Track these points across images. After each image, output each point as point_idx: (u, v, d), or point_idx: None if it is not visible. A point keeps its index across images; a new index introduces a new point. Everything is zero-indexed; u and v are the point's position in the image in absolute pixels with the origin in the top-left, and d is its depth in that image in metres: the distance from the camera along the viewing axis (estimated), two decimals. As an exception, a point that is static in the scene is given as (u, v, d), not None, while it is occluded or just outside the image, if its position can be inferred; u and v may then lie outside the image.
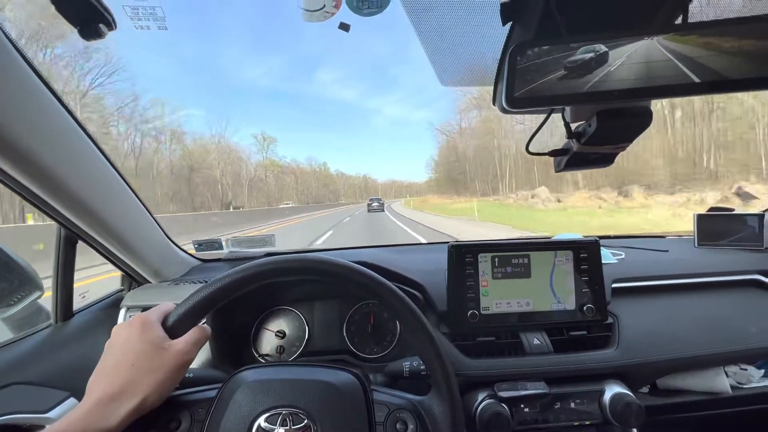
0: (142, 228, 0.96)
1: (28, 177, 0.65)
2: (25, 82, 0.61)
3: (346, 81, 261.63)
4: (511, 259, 0.89)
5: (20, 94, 0.59)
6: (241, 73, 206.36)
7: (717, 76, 0.42)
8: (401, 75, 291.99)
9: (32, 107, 0.62)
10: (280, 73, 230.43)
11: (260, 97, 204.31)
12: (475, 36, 0.60)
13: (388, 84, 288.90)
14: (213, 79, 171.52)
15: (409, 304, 0.56)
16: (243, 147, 76.81)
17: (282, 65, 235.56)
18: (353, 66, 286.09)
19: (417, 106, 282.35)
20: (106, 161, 0.81)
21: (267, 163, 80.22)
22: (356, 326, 1.05)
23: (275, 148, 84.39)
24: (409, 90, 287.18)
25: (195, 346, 0.54)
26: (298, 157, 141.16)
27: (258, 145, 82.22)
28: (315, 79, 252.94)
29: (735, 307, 0.97)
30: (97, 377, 0.49)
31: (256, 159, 78.41)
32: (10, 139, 0.58)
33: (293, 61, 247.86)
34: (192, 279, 1.11)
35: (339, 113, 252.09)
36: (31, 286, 0.91)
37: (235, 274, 0.55)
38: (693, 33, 0.43)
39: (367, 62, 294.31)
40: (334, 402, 0.53)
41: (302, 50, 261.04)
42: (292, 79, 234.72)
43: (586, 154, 0.58)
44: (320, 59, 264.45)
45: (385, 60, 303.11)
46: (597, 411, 0.78)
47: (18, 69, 0.59)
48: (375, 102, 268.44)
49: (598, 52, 0.44)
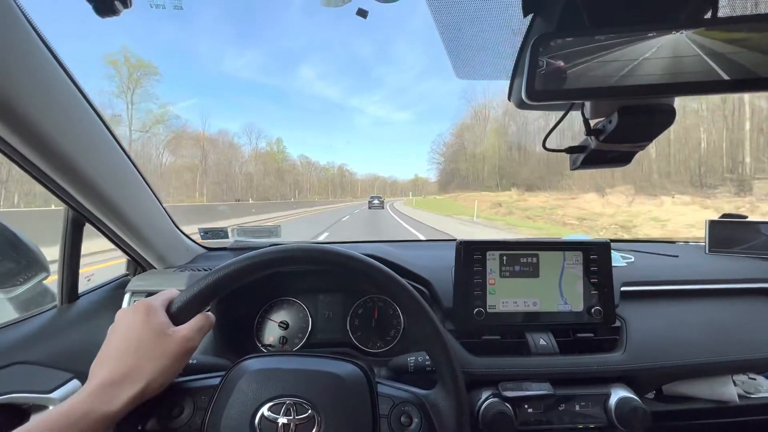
0: (149, 214, 0.96)
1: (39, 156, 0.65)
2: (41, 62, 0.60)
3: (328, 78, 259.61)
4: (520, 258, 0.88)
5: (35, 74, 0.59)
6: (220, 63, 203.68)
7: (747, 73, 0.41)
8: (384, 75, 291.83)
9: (45, 87, 0.61)
10: (262, 65, 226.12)
11: (241, 89, 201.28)
12: (494, 29, 0.59)
13: (371, 84, 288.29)
14: (188, 68, 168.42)
15: (415, 297, 0.55)
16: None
17: (263, 57, 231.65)
18: (336, 63, 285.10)
19: (399, 108, 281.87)
20: (117, 145, 0.81)
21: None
22: (360, 320, 1.05)
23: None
24: (391, 90, 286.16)
25: (199, 333, 0.54)
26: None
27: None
28: (298, 74, 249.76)
29: (745, 315, 0.96)
30: (100, 362, 0.48)
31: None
32: (23, 119, 0.58)
33: (275, 54, 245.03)
34: (197, 267, 1.11)
35: (323, 110, 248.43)
36: (37, 267, 0.91)
37: (240, 262, 0.54)
38: (723, 28, 0.41)
39: (351, 60, 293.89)
40: (338, 393, 0.52)
41: (285, 44, 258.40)
42: (275, 72, 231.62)
43: (604, 152, 0.56)
44: (303, 55, 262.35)
45: (369, 59, 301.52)
46: (602, 414, 0.76)
47: (34, 48, 0.59)
48: (357, 101, 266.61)
49: (623, 45, 0.42)
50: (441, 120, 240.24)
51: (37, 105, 0.60)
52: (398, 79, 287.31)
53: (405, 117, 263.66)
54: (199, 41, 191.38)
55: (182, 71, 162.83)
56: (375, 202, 36.05)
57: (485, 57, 0.63)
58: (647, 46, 0.42)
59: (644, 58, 0.42)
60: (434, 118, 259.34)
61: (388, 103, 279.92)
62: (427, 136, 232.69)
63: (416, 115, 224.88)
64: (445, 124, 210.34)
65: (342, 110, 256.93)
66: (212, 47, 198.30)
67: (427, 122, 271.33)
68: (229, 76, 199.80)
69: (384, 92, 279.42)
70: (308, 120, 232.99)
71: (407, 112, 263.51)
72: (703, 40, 0.41)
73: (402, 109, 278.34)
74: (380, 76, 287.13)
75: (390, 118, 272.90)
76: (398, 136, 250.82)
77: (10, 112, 0.56)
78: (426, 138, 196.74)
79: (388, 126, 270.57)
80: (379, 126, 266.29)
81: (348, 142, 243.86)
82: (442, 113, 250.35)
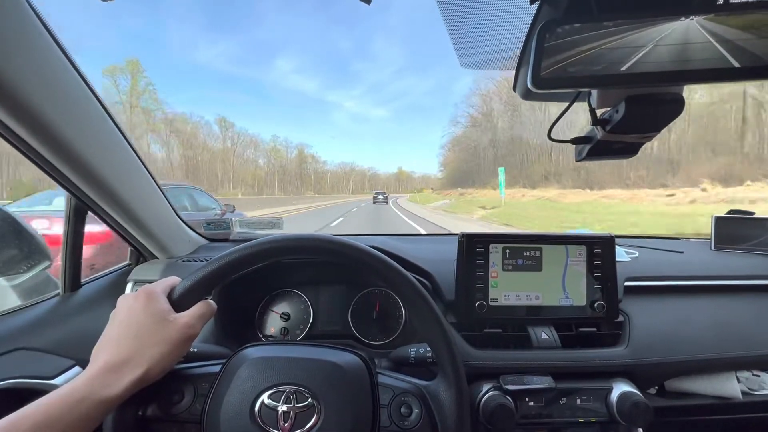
0: (152, 204, 0.96)
1: (42, 143, 0.65)
2: (44, 49, 0.60)
3: (306, 71, 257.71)
4: (523, 252, 0.87)
5: (38, 61, 0.59)
6: (194, 51, 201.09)
7: (759, 61, 0.40)
8: (363, 72, 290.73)
9: (48, 74, 0.61)
10: (236, 55, 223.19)
11: (214, 79, 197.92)
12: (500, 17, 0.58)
13: (349, 79, 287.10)
14: (157, 55, 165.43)
15: (417, 287, 0.55)
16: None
17: (237, 47, 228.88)
18: (314, 57, 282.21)
19: (376, 104, 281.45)
20: (120, 135, 0.80)
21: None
22: (361, 312, 1.05)
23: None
24: (369, 86, 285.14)
25: (200, 320, 0.54)
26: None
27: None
28: (274, 66, 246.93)
29: (750, 311, 0.95)
30: (102, 346, 0.49)
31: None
32: (27, 106, 0.58)
33: (251, 45, 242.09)
34: (199, 257, 1.12)
35: (299, 104, 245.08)
36: (40, 255, 0.92)
37: (242, 251, 0.54)
38: (735, 13, 0.40)
39: (329, 55, 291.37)
40: (339, 382, 0.52)
41: (260, 35, 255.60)
42: (250, 63, 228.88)
43: (611, 142, 0.56)
44: (280, 46, 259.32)
45: (347, 55, 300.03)
46: (603, 408, 0.76)
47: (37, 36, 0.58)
48: (335, 95, 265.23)
49: (631, 32, 0.41)
50: (418, 117, 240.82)
51: (40, 92, 0.59)
52: (376, 76, 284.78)
53: (382, 114, 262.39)
54: (169, 28, 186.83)
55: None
56: (380, 198, 38.86)
57: (491, 46, 0.62)
58: (656, 32, 0.41)
59: (653, 45, 0.41)
60: (412, 116, 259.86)
61: (366, 99, 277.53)
62: (406, 133, 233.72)
63: (393, 112, 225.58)
64: (423, 120, 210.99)
65: (321, 104, 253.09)
66: (184, 35, 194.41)
67: (404, 120, 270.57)
68: (199, 66, 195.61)
69: (362, 88, 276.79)
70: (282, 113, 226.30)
71: (384, 109, 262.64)
72: (714, 26, 0.40)
73: (379, 105, 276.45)
74: (358, 71, 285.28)
75: (368, 115, 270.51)
76: (379, 133, 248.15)
77: (13, 98, 0.56)
78: (406, 135, 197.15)
79: (366, 123, 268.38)
80: (357, 123, 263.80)
81: (333, 137, 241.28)
82: (419, 111, 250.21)
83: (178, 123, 77.48)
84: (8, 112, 0.57)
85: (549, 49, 0.43)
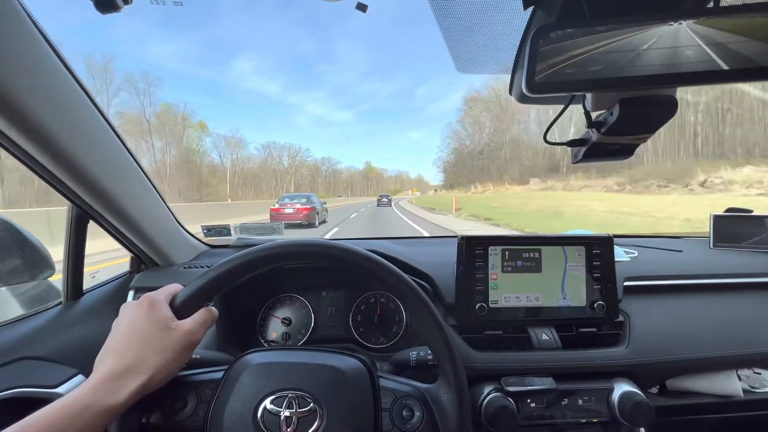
0: (152, 211, 0.97)
1: (42, 153, 0.65)
2: (43, 59, 0.61)
3: (268, 72, 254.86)
4: (522, 253, 0.87)
5: (37, 71, 0.60)
6: (144, 47, 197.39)
7: (749, 63, 0.40)
8: (326, 74, 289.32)
9: (48, 84, 0.62)
10: (193, 54, 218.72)
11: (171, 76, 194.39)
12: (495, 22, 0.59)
13: (312, 81, 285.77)
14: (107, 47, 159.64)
15: (416, 291, 0.55)
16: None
17: (194, 46, 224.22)
18: (276, 58, 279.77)
19: (339, 107, 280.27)
20: (120, 143, 0.81)
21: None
22: (362, 316, 1.05)
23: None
24: (332, 89, 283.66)
25: (202, 327, 0.54)
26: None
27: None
28: (234, 66, 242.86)
29: (750, 309, 0.95)
30: (105, 354, 0.49)
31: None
32: (27, 116, 0.59)
33: (209, 43, 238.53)
34: (200, 264, 1.12)
35: (261, 106, 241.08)
36: (42, 264, 0.92)
37: (243, 257, 0.54)
38: (724, 17, 0.41)
39: (291, 56, 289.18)
40: (340, 387, 0.53)
41: (219, 33, 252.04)
42: (208, 62, 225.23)
43: (606, 144, 0.56)
44: (241, 46, 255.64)
45: (310, 57, 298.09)
46: (605, 409, 0.76)
47: (36, 45, 0.59)
48: (297, 98, 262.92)
49: (623, 36, 0.42)
50: (382, 120, 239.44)
51: (40, 102, 0.60)
52: (339, 78, 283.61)
53: (346, 117, 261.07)
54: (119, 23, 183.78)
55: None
56: (384, 200, 42.49)
57: (486, 50, 0.63)
58: (648, 36, 0.42)
59: (644, 49, 0.42)
60: (376, 119, 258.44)
61: (329, 102, 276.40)
62: (370, 136, 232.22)
63: (357, 115, 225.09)
64: (386, 124, 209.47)
65: (282, 107, 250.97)
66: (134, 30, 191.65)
67: (369, 122, 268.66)
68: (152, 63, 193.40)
69: (325, 90, 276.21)
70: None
71: (349, 112, 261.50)
72: (703, 30, 0.41)
73: (343, 108, 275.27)
74: (321, 74, 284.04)
75: (330, 118, 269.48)
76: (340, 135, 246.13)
77: (13, 108, 0.57)
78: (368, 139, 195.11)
79: (329, 125, 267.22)
80: (319, 126, 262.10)
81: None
82: (383, 114, 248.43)
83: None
84: (10, 123, 0.58)
85: (543, 54, 0.44)
